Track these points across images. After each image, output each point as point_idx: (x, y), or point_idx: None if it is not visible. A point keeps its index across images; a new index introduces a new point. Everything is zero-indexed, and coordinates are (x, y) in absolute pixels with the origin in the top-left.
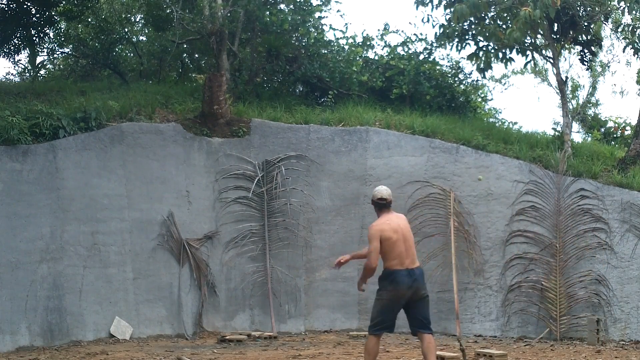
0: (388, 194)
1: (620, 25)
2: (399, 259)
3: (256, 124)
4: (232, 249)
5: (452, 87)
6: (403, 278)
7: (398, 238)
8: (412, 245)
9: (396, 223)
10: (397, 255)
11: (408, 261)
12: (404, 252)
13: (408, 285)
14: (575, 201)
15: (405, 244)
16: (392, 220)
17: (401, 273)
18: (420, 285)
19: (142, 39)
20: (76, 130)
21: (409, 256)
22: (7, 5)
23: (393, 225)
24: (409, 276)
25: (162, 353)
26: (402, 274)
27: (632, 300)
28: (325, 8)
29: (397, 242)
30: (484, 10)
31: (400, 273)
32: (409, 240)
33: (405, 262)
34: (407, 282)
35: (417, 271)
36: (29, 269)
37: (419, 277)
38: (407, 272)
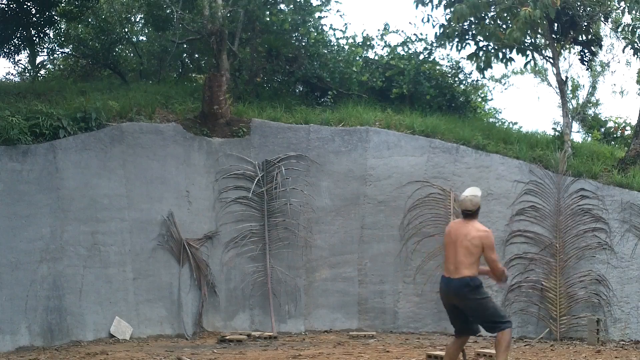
0: (472, 204)
1: (620, 25)
2: (445, 264)
3: (256, 124)
4: (232, 249)
5: (452, 87)
6: (442, 285)
7: (448, 243)
8: (462, 254)
9: (456, 229)
10: (445, 259)
11: (452, 268)
12: (451, 259)
13: (445, 293)
14: (575, 201)
15: (456, 251)
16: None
17: (442, 280)
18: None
19: (142, 39)
20: (76, 130)
21: (454, 264)
22: (7, 5)
23: (452, 229)
24: (446, 285)
25: (162, 353)
26: (443, 281)
27: (632, 300)
28: (325, 8)
29: (447, 246)
30: (484, 10)
31: (442, 280)
32: (460, 249)
33: (450, 269)
34: (444, 290)
35: (455, 282)
36: (29, 269)
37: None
38: (447, 280)
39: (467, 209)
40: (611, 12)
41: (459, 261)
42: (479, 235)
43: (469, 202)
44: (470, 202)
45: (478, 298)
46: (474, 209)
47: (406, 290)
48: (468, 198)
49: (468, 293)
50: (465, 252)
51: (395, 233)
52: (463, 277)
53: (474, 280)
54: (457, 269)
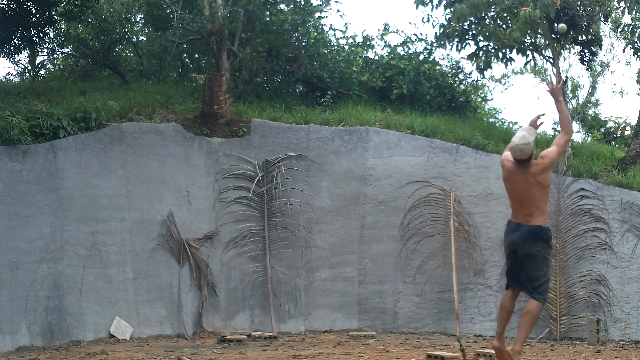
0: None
1: (620, 25)
2: (512, 208)
3: (256, 124)
4: (232, 249)
5: (452, 87)
6: (508, 229)
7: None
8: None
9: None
10: (511, 204)
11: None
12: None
13: (510, 240)
14: (575, 201)
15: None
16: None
17: (509, 225)
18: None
19: (142, 39)
20: (76, 130)
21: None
22: (7, 5)
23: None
24: (514, 231)
25: (162, 353)
26: (510, 226)
27: (632, 300)
28: (325, 8)
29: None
30: (484, 10)
31: (508, 225)
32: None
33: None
34: (510, 237)
35: (525, 228)
36: (29, 269)
37: (523, 234)
38: (515, 225)
39: (517, 159)
40: (611, 12)
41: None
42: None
43: (519, 151)
44: (520, 152)
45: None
46: (525, 157)
47: (406, 290)
48: (518, 147)
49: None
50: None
51: (395, 233)
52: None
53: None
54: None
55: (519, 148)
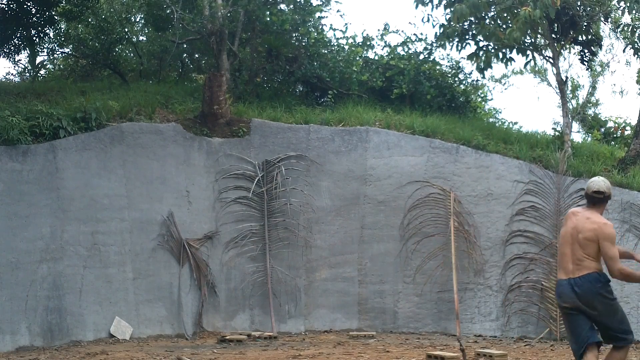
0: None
1: (620, 25)
2: (561, 265)
3: (256, 124)
4: (232, 249)
5: (452, 87)
6: (560, 288)
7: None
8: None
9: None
10: (560, 260)
11: (569, 267)
12: (567, 256)
13: (569, 296)
14: (575, 201)
15: (572, 247)
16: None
17: (560, 283)
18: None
19: (142, 39)
20: (76, 130)
21: (572, 262)
22: (7, 5)
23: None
24: (570, 286)
25: (162, 353)
26: (561, 284)
27: (632, 300)
28: (325, 8)
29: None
30: (484, 10)
31: (560, 283)
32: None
33: (567, 269)
34: (568, 292)
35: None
36: (29, 269)
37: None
38: (567, 281)
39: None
40: (611, 12)
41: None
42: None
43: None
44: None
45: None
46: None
47: (406, 290)
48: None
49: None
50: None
51: (395, 233)
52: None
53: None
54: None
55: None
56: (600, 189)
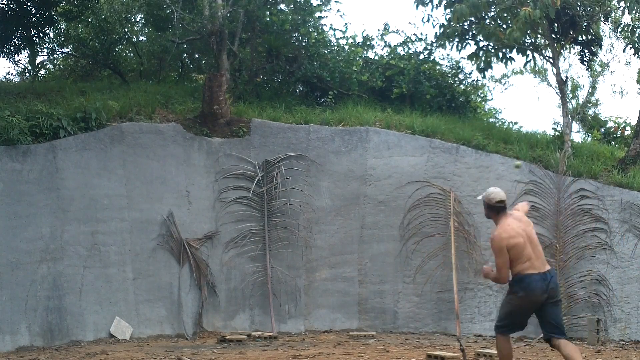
0: (504, 195)
1: (620, 25)
2: (529, 261)
3: (256, 124)
4: (232, 249)
5: (452, 87)
6: (537, 283)
7: (523, 242)
8: (538, 245)
9: (517, 225)
10: (526, 258)
11: (539, 263)
12: (532, 254)
13: (543, 290)
14: (575, 201)
15: (532, 245)
16: (512, 224)
17: (534, 277)
18: (556, 289)
19: (142, 39)
20: (76, 130)
21: (539, 258)
22: (7, 5)
23: (516, 227)
24: (543, 280)
25: (162, 353)
26: (536, 279)
27: (632, 300)
28: (325, 8)
29: (523, 245)
30: (484, 10)
31: (533, 277)
32: (534, 240)
33: (537, 265)
34: (542, 287)
35: (551, 274)
36: (29, 269)
37: (553, 280)
38: (541, 276)
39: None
40: (611, 12)
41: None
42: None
43: (502, 193)
44: (503, 194)
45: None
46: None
47: (406, 290)
48: (499, 190)
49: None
50: (537, 242)
51: (395, 233)
52: (552, 269)
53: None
54: (543, 262)
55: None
56: (503, 198)
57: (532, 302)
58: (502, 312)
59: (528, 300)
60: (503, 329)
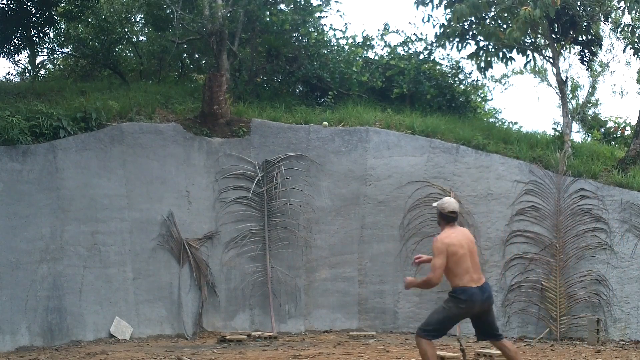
0: (457, 207)
1: (620, 25)
2: (469, 275)
3: (256, 124)
4: (232, 249)
5: (452, 87)
6: (477, 296)
7: (464, 253)
8: (476, 258)
9: (462, 237)
10: (465, 270)
11: (477, 277)
12: (471, 267)
13: (482, 302)
14: (575, 201)
15: (472, 259)
16: (458, 234)
17: (474, 291)
18: (491, 301)
19: (142, 39)
20: (76, 130)
21: (477, 271)
22: (7, 5)
23: (460, 239)
24: (482, 293)
25: (162, 353)
26: (476, 292)
27: (632, 300)
28: (325, 8)
29: (463, 256)
30: (484, 10)
31: (474, 291)
32: (474, 255)
33: (475, 278)
34: (481, 299)
35: (487, 287)
36: (29, 269)
37: (487, 292)
38: (479, 289)
39: (455, 211)
40: (611, 12)
41: (479, 268)
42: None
43: (456, 204)
44: (457, 205)
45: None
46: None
47: (406, 290)
48: (454, 201)
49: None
50: (477, 257)
51: (395, 233)
52: (486, 282)
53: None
54: (480, 276)
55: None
56: (456, 209)
57: (469, 313)
58: (435, 318)
59: (467, 311)
60: (431, 333)
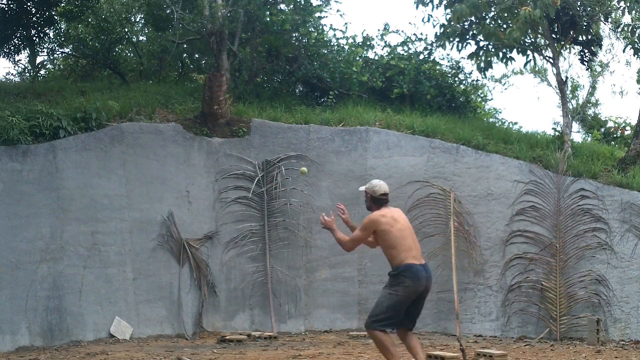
0: (388, 189)
1: (620, 25)
2: (411, 252)
3: (256, 124)
4: (232, 249)
5: (452, 87)
6: (420, 273)
7: (404, 228)
8: (416, 239)
9: (398, 214)
10: (408, 248)
11: (418, 255)
12: (413, 246)
13: (425, 280)
14: (575, 201)
15: (412, 237)
16: (393, 212)
17: (418, 268)
18: (430, 282)
19: (142, 39)
20: (76, 130)
21: (418, 251)
22: (7, 5)
23: (396, 215)
24: (425, 271)
25: (162, 353)
26: (419, 269)
27: (632, 300)
28: (325, 8)
29: (404, 231)
30: (484, 10)
31: (417, 267)
32: (414, 234)
33: (417, 256)
34: (424, 277)
35: (428, 267)
36: (29, 269)
37: (429, 272)
38: (422, 267)
39: (386, 193)
40: (611, 12)
41: (419, 248)
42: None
43: (386, 186)
44: (387, 187)
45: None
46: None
47: None
48: (383, 183)
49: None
50: (416, 238)
51: None
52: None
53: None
54: (421, 256)
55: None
56: (387, 191)
57: (415, 292)
58: (383, 307)
59: (413, 290)
60: (383, 323)
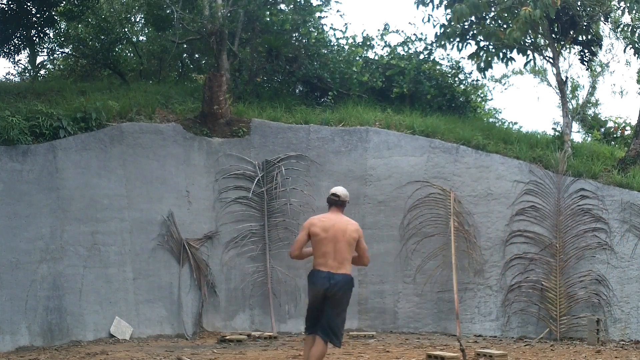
0: (343, 193)
1: (620, 25)
2: (323, 259)
3: (256, 124)
4: (232, 249)
5: (452, 87)
6: (320, 279)
7: (326, 237)
8: (344, 250)
9: (332, 223)
10: (322, 254)
11: (333, 264)
12: (330, 253)
13: (323, 287)
14: (575, 201)
15: (336, 246)
16: (329, 219)
17: (320, 274)
18: (337, 293)
19: (142, 39)
20: (76, 130)
21: (336, 259)
22: (7, 5)
23: (327, 223)
24: (327, 279)
25: (162, 353)
26: (321, 275)
27: (632, 300)
28: (325, 8)
29: (323, 240)
30: (484, 10)
31: (319, 274)
32: (341, 243)
33: (329, 264)
34: (323, 283)
35: (339, 277)
36: (29, 269)
37: (338, 283)
38: (327, 274)
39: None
40: (611, 12)
41: (342, 257)
42: (356, 229)
43: (340, 190)
44: (342, 191)
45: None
46: (346, 199)
47: (406, 290)
48: (340, 188)
49: (347, 291)
50: (345, 247)
51: (395, 233)
52: (345, 275)
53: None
54: (340, 265)
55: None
56: (338, 192)
57: (315, 296)
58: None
59: (313, 294)
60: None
